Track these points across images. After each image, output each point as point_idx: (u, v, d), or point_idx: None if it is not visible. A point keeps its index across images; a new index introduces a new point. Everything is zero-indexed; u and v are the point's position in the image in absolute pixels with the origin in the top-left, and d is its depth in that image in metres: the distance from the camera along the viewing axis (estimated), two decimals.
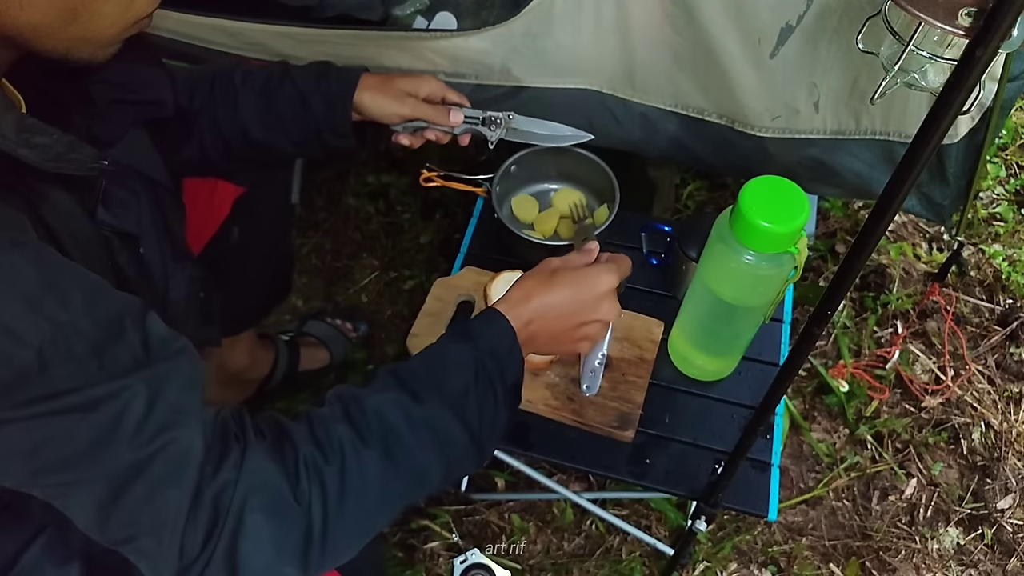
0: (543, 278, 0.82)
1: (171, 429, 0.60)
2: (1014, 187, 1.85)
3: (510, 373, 0.78)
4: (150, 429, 0.59)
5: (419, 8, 1.24)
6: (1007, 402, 1.51)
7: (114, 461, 0.58)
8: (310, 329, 1.54)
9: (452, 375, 0.75)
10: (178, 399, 0.62)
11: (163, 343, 0.63)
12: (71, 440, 0.57)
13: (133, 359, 0.61)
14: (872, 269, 1.67)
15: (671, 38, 1.08)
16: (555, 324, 0.82)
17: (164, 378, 0.62)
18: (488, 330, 0.78)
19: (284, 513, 0.64)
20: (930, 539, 1.37)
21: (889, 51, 0.90)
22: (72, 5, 0.63)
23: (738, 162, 1.25)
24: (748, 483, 0.99)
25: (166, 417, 0.60)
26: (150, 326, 0.63)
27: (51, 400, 0.56)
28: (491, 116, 1.08)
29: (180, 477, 0.60)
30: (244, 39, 1.21)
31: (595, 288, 0.82)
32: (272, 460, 0.65)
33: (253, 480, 0.63)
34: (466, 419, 0.73)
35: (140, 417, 0.59)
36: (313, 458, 0.66)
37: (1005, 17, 0.41)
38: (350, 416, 0.70)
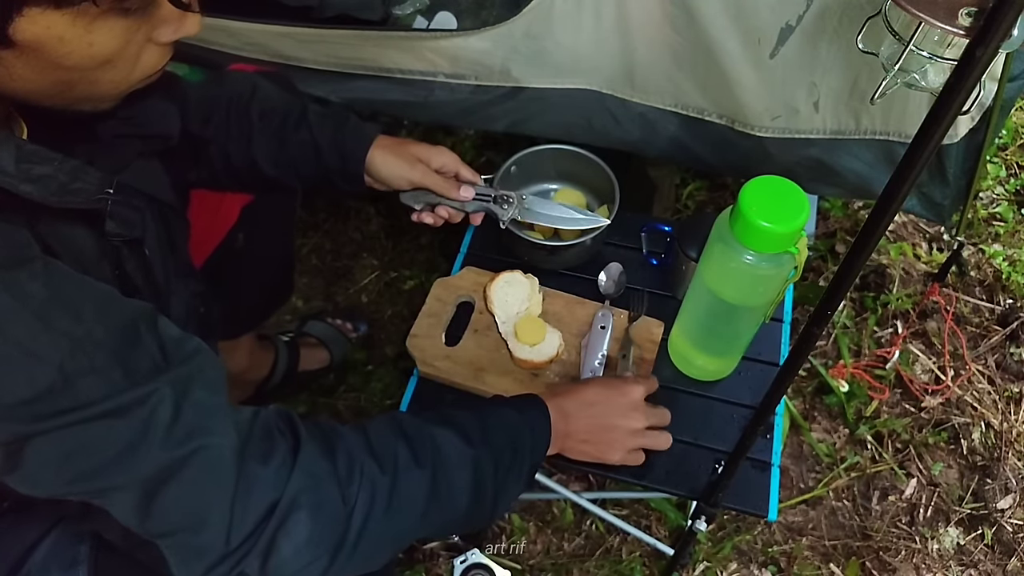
0: (579, 383, 0.93)
1: (201, 432, 0.61)
2: (1014, 187, 1.85)
3: (539, 450, 0.84)
4: (180, 431, 0.60)
5: (419, 8, 1.24)
6: (1007, 402, 1.51)
7: (146, 465, 0.59)
8: (310, 329, 1.54)
9: (498, 432, 0.80)
10: (205, 399, 0.62)
11: (178, 345, 0.63)
12: (102, 448, 0.57)
13: (153, 364, 0.61)
14: (872, 269, 1.67)
15: (671, 38, 1.08)
16: (588, 422, 0.89)
17: (188, 379, 0.62)
18: (532, 407, 0.86)
19: (329, 512, 0.65)
20: (930, 539, 1.37)
21: (889, 51, 0.90)
22: (67, 79, 0.60)
23: (738, 162, 1.25)
24: (748, 483, 0.99)
25: (195, 418, 0.61)
26: (163, 329, 0.64)
27: (79, 411, 0.56)
28: (503, 195, 1.07)
29: (217, 477, 0.61)
30: (244, 39, 1.21)
31: (626, 394, 0.92)
32: (326, 459, 0.67)
33: (305, 478, 0.64)
34: (498, 476, 0.78)
35: (169, 420, 0.59)
36: (368, 466, 0.68)
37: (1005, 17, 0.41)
38: (408, 436, 0.73)
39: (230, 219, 1.10)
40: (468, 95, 1.21)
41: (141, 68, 0.65)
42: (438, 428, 0.76)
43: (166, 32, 0.64)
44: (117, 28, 0.58)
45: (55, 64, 0.57)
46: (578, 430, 0.89)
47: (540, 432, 0.84)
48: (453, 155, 1.06)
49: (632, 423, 0.92)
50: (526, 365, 1.05)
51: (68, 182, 0.62)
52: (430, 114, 1.26)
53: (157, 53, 0.65)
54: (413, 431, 0.74)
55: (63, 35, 0.56)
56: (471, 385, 1.05)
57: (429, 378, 1.07)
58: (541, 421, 0.85)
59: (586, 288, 1.15)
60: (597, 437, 0.90)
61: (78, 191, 0.63)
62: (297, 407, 1.48)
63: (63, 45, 0.56)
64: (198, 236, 1.04)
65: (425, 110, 1.25)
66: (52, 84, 0.60)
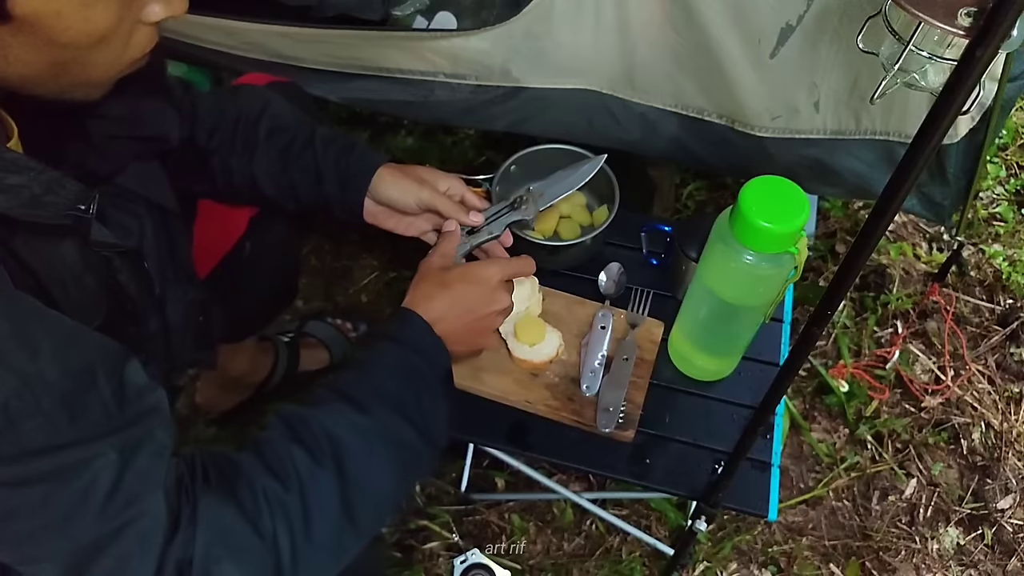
0: (436, 279, 0.86)
1: (139, 501, 0.58)
2: (1014, 187, 1.85)
3: (439, 363, 0.80)
4: (119, 501, 0.57)
5: (419, 8, 1.24)
6: (1007, 402, 1.51)
7: (80, 535, 0.56)
8: (310, 329, 1.54)
9: (387, 378, 0.75)
10: (148, 466, 0.60)
11: (138, 396, 0.61)
12: (37, 513, 0.55)
13: (104, 414, 0.58)
14: (872, 269, 1.67)
15: (671, 38, 1.08)
16: (459, 321, 0.84)
17: (136, 444, 0.59)
18: (406, 328, 0.80)
19: (251, 553, 0.62)
20: (930, 539, 1.37)
21: (889, 51, 0.90)
22: (62, 59, 0.60)
23: (738, 162, 1.25)
24: (748, 483, 0.99)
25: (135, 487, 0.58)
26: (127, 376, 0.61)
27: (18, 463, 0.53)
28: (517, 198, 1.01)
29: (146, 549, 0.58)
30: (244, 39, 1.21)
31: (487, 281, 0.87)
32: (227, 503, 0.63)
33: (212, 532, 0.61)
34: (411, 417, 0.74)
35: (109, 488, 0.57)
36: (272, 488, 0.65)
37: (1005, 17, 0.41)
38: (299, 437, 0.68)
39: (239, 229, 1.09)
40: (468, 95, 1.21)
41: (132, 50, 0.65)
42: (326, 410, 0.71)
43: (155, 11, 0.64)
44: (112, 3, 0.59)
45: (51, 41, 0.57)
46: (453, 331, 0.83)
47: (427, 347, 0.80)
48: (459, 180, 1.02)
49: (498, 305, 0.88)
50: (526, 365, 1.05)
51: (41, 194, 0.59)
52: (430, 114, 1.26)
53: (146, 34, 0.66)
54: (303, 428, 0.69)
55: (61, 9, 0.56)
56: (471, 385, 1.05)
57: None
58: (423, 336, 0.80)
59: (586, 288, 1.15)
60: (472, 331, 0.86)
61: (48, 204, 0.60)
62: None
63: (60, 20, 0.56)
64: (207, 245, 1.03)
65: (425, 110, 1.25)
66: (47, 65, 0.60)
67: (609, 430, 0.99)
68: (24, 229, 0.59)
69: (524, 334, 1.06)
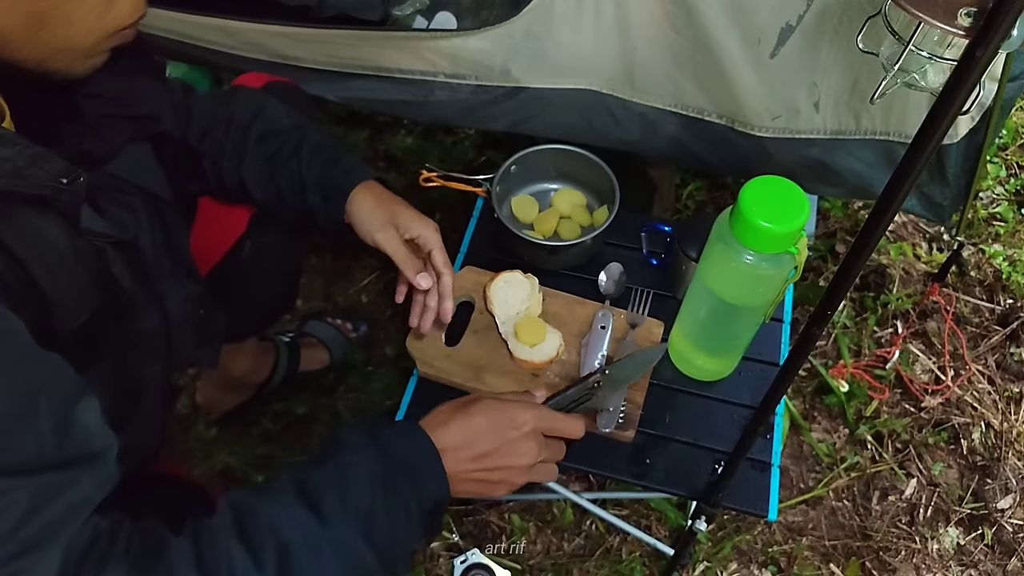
0: (461, 404, 0.76)
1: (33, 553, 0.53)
2: (1014, 187, 1.85)
3: (429, 493, 0.70)
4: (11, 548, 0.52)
5: (419, 8, 1.24)
6: (1007, 402, 1.51)
7: None
8: (310, 330, 1.54)
9: (362, 492, 0.67)
10: (58, 519, 0.55)
11: (83, 438, 0.57)
12: None
13: (36, 448, 0.54)
14: (872, 269, 1.67)
15: (671, 38, 1.08)
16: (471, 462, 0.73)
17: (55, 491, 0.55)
18: (405, 444, 0.71)
19: None
20: (930, 539, 1.37)
21: (889, 51, 0.90)
22: (38, 10, 0.59)
23: (738, 162, 1.25)
24: (748, 483, 0.99)
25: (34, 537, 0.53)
26: (77, 413, 0.57)
27: None
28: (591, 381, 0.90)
29: None
30: (243, 39, 1.21)
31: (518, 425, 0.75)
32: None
33: None
34: (375, 541, 0.66)
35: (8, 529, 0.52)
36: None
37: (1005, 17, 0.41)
38: (244, 532, 0.62)
39: (239, 228, 1.09)
40: (468, 95, 1.21)
41: (114, 15, 0.64)
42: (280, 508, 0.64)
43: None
44: None
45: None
46: (463, 470, 0.73)
47: (421, 470, 0.70)
48: (435, 231, 0.94)
49: (523, 459, 0.76)
50: (526, 365, 1.05)
51: (24, 166, 0.58)
52: (430, 113, 1.26)
53: (130, 1, 0.65)
54: (250, 522, 0.63)
55: None
56: (471, 385, 1.05)
57: (429, 378, 1.07)
58: (421, 457, 0.71)
59: (586, 288, 1.15)
60: (484, 478, 0.75)
61: (29, 176, 0.59)
62: (297, 408, 1.48)
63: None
64: (207, 244, 1.03)
65: (425, 109, 1.25)
66: (24, 16, 0.58)
67: (609, 430, 0.99)
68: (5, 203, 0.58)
69: (524, 334, 1.06)
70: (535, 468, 0.78)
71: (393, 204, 0.95)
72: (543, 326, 1.07)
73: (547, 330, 1.07)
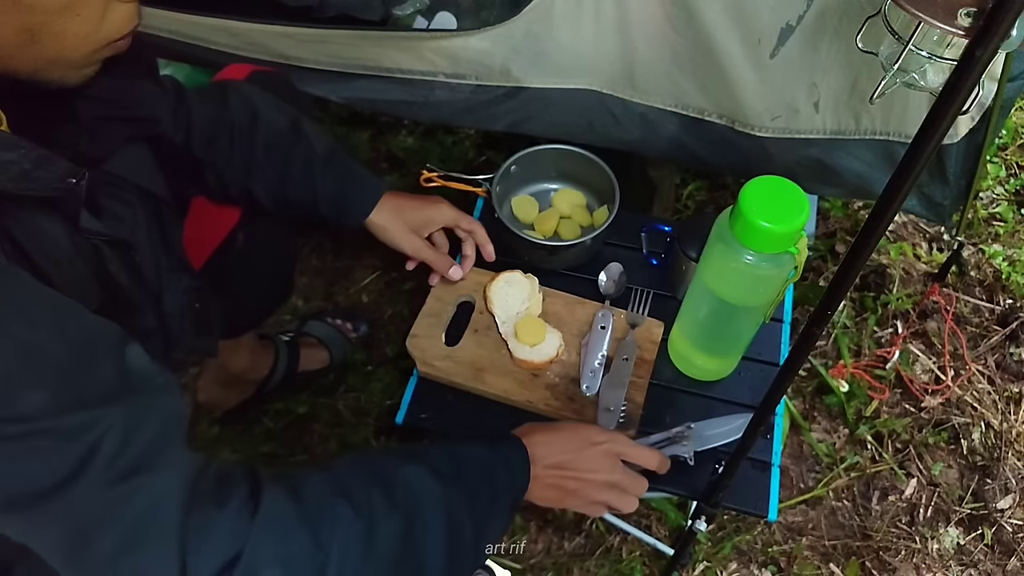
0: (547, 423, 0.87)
1: (146, 469, 0.56)
2: (1014, 187, 1.85)
3: (519, 487, 0.80)
4: (124, 466, 0.55)
5: (419, 8, 1.24)
6: (1007, 402, 1.51)
7: (82, 499, 0.54)
8: (310, 329, 1.54)
9: (471, 469, 0.76)
10: (157, 435, 0.58)
11: (142, 377, 0.60)
12: (37, 472, 0.53)
13: (107, 389, 0.57)
14: (872, 269, 1.67)
15: (671, 38, 1.08)
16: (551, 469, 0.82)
17: (144, 410, 0.58)
18: (505, 444, 0.81)
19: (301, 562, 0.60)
20: (930, 539, 1.37)
21: (889, 51, 0.90)
22: (28, 25, 0.58)
23: (738, 162, 1.25)
24: (748, 483, 0.99)
25: (143, 454, 0.56)
26: (129, 357, 0.60)
27: (15, 424, 0.52)
28: (677, 434, 0.99)
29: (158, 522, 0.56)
30: (245, 39, 1.21)
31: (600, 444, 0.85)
32: (292, 503, 0.62)
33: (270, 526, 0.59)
34: (474, 514, 0.73)
35: (114, 452, 0.55)
36: (342, 509, 0.63)
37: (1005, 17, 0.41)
38: (379, 477, 0.69)
39: (231, 220, 1.10)
40: (468, 95, 1.21)
41: (107, 27, 0.63)
42: (408, 466, 0.71)
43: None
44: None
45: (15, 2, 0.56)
46: (543, 474, 0.82)
47: (517, 468, 0.80)
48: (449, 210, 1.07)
49: (601, 475, 0.85)
50: (526, 365, 1.06)
51: (31, 169, 0.59)
52: (430, 113, 1.26)
53: (123, 13, 0.64)
54: (384, 471, 0.69)
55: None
56: (471, 385, 1.05)
57: (429, 378, 1.07)
58: (517, 457, 0.80)
59: (586, 288, 1.15)
60: (560, 485, 0.83)
61: (37, 179, 0.59)
62: (297, 407, 1.48)
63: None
64: (200, 235, 1.03)
65: (425, 109, 1.25)
66: (15, 31, 0.58)
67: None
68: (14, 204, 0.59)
69: (524, 334, 1.06)
70: (613, 492, 0.86)
71: (404, 210, 1.03)
72: (543, 326, 1.07)
73: (547, 330, 1.07)
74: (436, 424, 1.06)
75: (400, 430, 1.10)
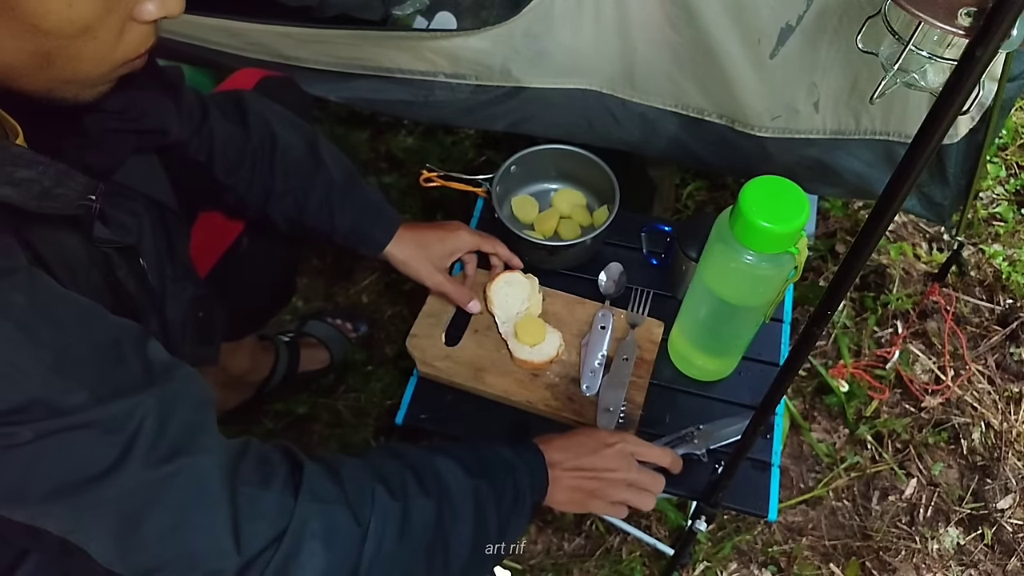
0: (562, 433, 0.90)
1: (187, 450, 0.58)
2: (1014, 187, 1.85)
3: (538, 491, 0.82)
4: (165, 448, 0.57)
5: (419, 8, 1.24)
6: (1007, 402, 1.51)
7: (128, 484, 0.56)
8: (310, 329, 1.54)
9: (496, 466, 0.78)
10: (191, 418, 0.60)
11: (165, 369, 0.61)
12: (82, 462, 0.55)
13: (137, 381, 0.59)
14: (872, 269, 1.67)
15: (671, 38, 1.08)
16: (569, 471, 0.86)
17: (175, 396, 0.60)
18: (527, 449, 0.84)
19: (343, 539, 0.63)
20: (930, 539, 1.37)
21: (889, 51, 0.90)
22: (44, 49, 0.58)
23: (738, 162, 1.25)
24: (748, 483, 0.99)
25: (181, 435, 0.58)
26: (151, 352, 0.61)
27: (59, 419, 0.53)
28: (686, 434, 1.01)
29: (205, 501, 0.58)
30: (245, 39, 1.21)
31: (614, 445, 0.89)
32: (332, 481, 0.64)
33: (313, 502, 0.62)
34: (500, 509, 0.75)
35: (154, 435, 0.57)
36: (378, 491, 0.66)
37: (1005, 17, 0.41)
38: (412, 465, 0.71)
39: (237, 226, 1.10)
40: (468, 95, 1.21)
41: (124, 48, 0.62)
42: (438, 456, 0.74)
43: (149, 9, 0.61)
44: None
45: (34, 27, 0.56)
46: (561, 475, 0.85)
47: (537, 471, 0.83)
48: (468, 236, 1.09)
49: (619, 474, 0.88)
50: (526, 366, 1.06)
51: (51, 187, 0.59)
52: (430, 113, 1.26)
53: (140, 33, 0.63)
54: (416, 460, 0.72)
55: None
56: (471, 385, 1.05)
57: (429, 378, 1.07)
58: (536, 461, 0.83)
59: (586, 288, 1.15)
60: (580, 486, 0.87)
61: (59, 196, 0.59)
62: (297, 407, 1.48)
63: (42, 3, 0.54)
64: (206, 243, 1.04)
65: (425, 109, 1.25)
66: (31, 55, 0.58)
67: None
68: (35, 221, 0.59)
69: (524, 334, 1.06)
70: (631, 491, 0.89)
71: (425, 243, 1.06)
72: (543, 326, 1.07)
73: (547, 330, 1.07)
74: (436, 424, 1.06)
75: (400, 430, 1.09)
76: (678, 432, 1.01)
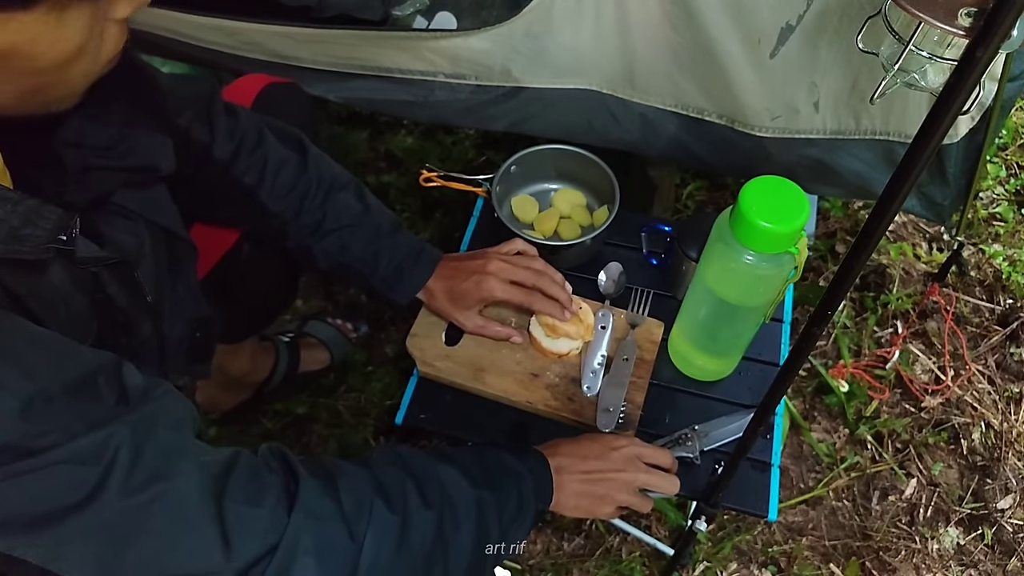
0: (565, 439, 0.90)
1: (164, 475, 0.57)
2: (1014, 187, 1.85)
3: (543, 498, 0.82)
4: (141, 475, 0.56)
5: (419, 8, 1.24)
6: (1007, 402, 1.51)
7: (106, 513, 0.54)
8: (310, 329, 1.54)
9: (500, 474, 0.78)
10: (168, 439, 0.59)
11: (142, 393, 0.60)
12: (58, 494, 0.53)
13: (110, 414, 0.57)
14: (872, 269, 1.67)
15: (671, 38, 1.08)
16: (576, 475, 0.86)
17: (151, 419, 0.58)
18: (532, 457, 0.84)
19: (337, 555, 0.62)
20: (930, 539, 1.37)
21: (889, 51, 0.90)
22: (37, 83, 0.57)
23: (738, 162, 1.25)
24: (748, 483, 0.99)
25: (157, 460, 0.57)
26: (126, 378, 0.60)
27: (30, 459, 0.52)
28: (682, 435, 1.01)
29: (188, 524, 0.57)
30: (244, 39, 1.21)
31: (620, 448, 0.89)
32: (328, 497, 0.63)
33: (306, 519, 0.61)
34: (502, 517, 0.75)
35: (129, 463, 0.55)
36: (377, 505, 0.65)
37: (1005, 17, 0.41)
38: (414, 475, 0.71)
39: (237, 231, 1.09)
40: (468, 95, 1.21)
41: (106, 51, 0.61)
42: (442, 465, 0.74)
43: (122, 6, 0.60)
44: (85, 13, 0.56)
45: (28, 70, 0.55)
46: (567, 481, 0.85)
47: (542, 478, 0.83)
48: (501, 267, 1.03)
49: (623, 475, 0.88)
50: (552, 355, 1.05)
51: (19, 227, 0.55)
52: (430, 113, 1.26)
53: (117, 31, 0.62)
54: (419, 469, 0.72)
55: (35, 35, 0.53)
56: (471, 385, 1.05)
57: (429, 378, 1.07)
58: (541, 469, 0.83)
59: (586, 288, 1.15)
60: (588, 491, 0.87)
61: (26, 238, 0.56)
62: (297, 408, 1.48)
63: (36, 46, 0.53)
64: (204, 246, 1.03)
65: (425, 109, 1.25)
66: (21, 91, 0.57)
67: (609, 430, 0.99)
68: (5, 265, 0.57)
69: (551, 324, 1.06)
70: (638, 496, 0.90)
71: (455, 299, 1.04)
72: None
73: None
74: (436, 424, 1.06)
75: (400, 430, 1.09)
76: (672, 435, 1.01)
